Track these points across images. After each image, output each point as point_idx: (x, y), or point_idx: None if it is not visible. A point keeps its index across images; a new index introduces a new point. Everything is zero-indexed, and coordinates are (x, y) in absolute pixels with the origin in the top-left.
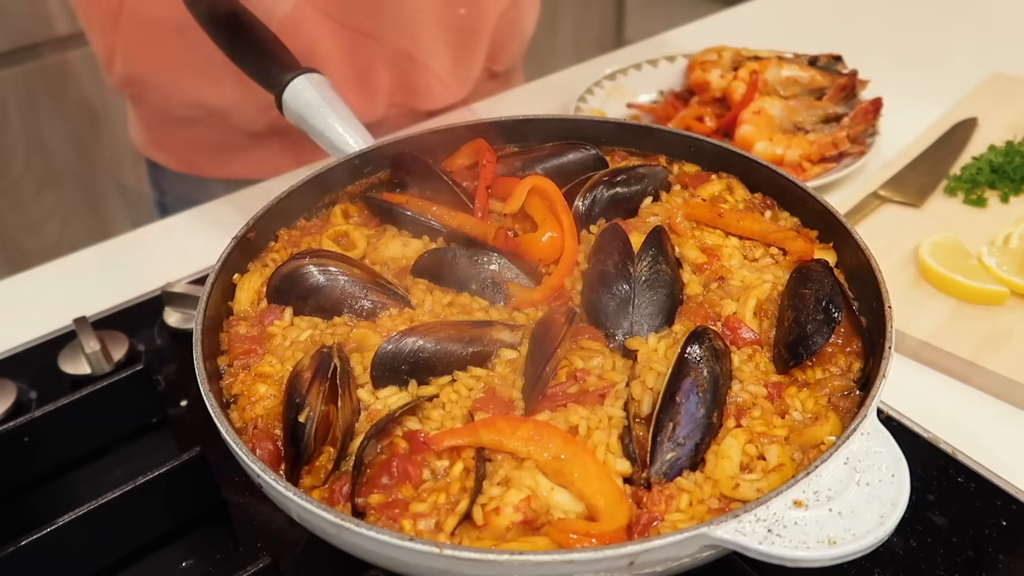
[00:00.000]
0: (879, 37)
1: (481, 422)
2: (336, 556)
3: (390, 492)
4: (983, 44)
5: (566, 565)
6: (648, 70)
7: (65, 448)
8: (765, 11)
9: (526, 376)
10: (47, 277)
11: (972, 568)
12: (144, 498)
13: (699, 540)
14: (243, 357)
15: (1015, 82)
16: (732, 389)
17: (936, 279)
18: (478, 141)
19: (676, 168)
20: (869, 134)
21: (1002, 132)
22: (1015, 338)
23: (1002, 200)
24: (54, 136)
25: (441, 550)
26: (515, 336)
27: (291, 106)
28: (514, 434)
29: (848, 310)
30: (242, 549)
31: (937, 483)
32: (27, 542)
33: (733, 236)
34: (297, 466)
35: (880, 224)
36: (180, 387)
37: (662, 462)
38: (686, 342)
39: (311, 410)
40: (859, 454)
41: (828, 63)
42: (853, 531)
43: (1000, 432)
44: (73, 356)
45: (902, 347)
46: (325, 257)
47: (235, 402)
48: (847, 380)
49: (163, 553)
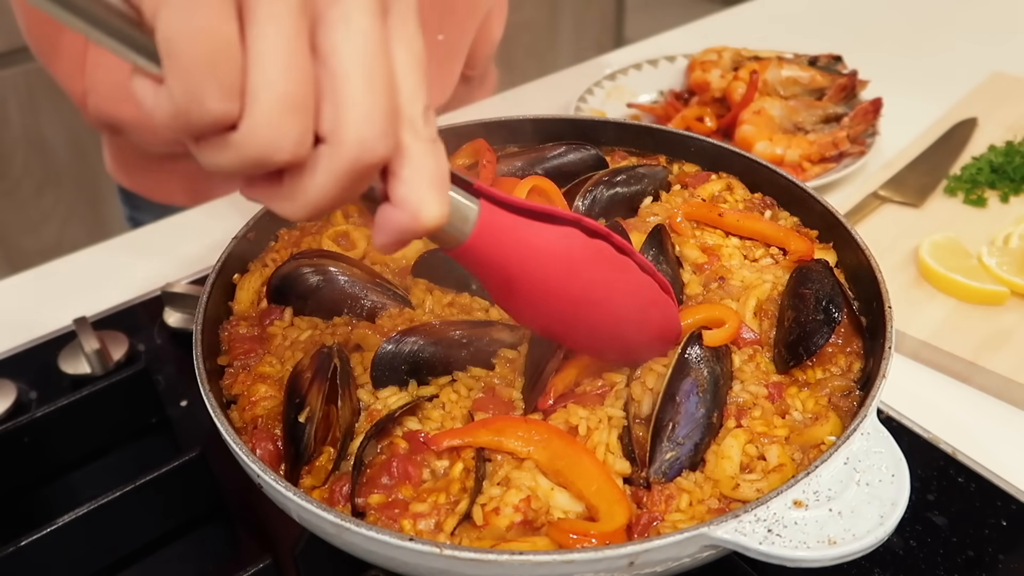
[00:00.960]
0: (879, 37)
1: (481, 422)
2: (336, 556)
3: (390, 492)
4: (983, 44)
5: (566, 565)
6: (648, 70)
7: (65, 448)
8: (765, 11)
9: (526, 376)
10: (47, 277)
11: (972, 568)
12: (144, 498)
13: (699, 540)
14: (243, 357)
15: (1015, 82)
16: (732, 389)
17: (936, 279)
18: (478, 141)
19: (676, 168)
20: (869, 134)
21: (1002, 132)
22: (1015, 338)
23: (1002, 200)
24: (54, 136)
25: (441, 550)
26: (515, 336)
27: None
28: (514, 434)
29: (848, 310)
30: (242, 549)
31: (937, 483)
32: (27, 542)
33: (733, 236)
34: (297, 466)
35: (880, 224)
36: (180, 387)
37: (662, 462)
38: (686, 342)
39: (311, 410)
40: (859, 454)
41: (828, 63)
42: (853, 531)
43: (1000, 432)
44: (73, 356)
45: (902, 347)
46: (325, 257)
47: (235, 402)
48: (847, 380)
49: (163, 553)
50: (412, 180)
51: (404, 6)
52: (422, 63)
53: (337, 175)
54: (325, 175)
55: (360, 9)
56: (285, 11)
